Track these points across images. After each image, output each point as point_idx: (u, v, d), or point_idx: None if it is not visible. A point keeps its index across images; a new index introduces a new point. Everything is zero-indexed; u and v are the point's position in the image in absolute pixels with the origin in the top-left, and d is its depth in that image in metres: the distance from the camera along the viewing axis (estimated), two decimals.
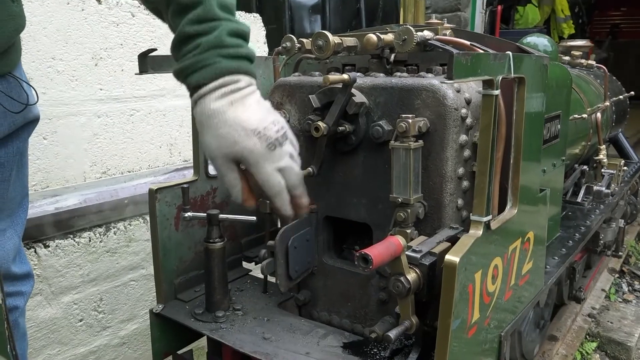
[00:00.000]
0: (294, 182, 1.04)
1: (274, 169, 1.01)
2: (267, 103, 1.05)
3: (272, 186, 1.02)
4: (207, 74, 0.97)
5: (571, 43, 3.21)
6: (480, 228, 1.05)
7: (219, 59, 0.97)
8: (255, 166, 1.00)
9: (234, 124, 0.97)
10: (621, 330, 2.77)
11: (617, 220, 2.79)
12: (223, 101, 0.97)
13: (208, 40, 0.96)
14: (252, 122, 0.98)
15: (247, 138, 0.98)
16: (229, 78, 0.98)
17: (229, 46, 0.98)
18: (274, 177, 1.01)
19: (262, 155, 0.99)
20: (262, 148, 0.99)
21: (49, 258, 1.80)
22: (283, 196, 1.04)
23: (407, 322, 1.08)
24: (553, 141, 1.77)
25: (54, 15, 1.88)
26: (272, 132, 1.00)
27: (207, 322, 1.39)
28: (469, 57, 0.89)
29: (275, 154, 1.00)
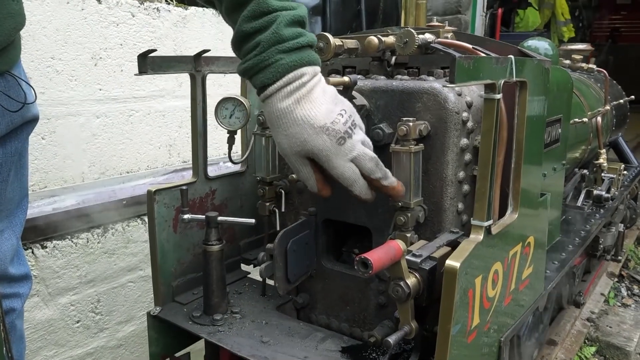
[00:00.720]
0: (369, 168, 1.07)
1: (346, 161, 1.04)
2: (332, 90, 1.06)
3: (347, 178, 1.06)
4: (270, 74, 0.98)
5: (572, 47, 3.21)
6: (481, 233, 1.04)
7: (280, 55, 0.97)
8: (327, 163, 1.04)
9: (302, 122, 0.99)
10: (620, 334, 2.76)
11: (617, 225, 2.79)
12: (289, 100, 0.99)
13: (266, 38, 0.97)
14: (320, 119, 1.00)
15: (316, 136, 1.00)
16: (292, 75, 0.99)
17: (288, 39, 0.98)
18: (348, 170, 1.05)
19: (333, 152, 1.02)
20: (331, 145, 1.01)
21: (46, 259, 1.79)
22: (359, 184, 1.08)
23: (407, 327, 1.08)
24: (554, 145, 1.76)
25: (53, 15, 1.87)
26: (339, 126, 1.02)
27: (205, 325, 1.38)
28: (471, 60, 0.89)
29: (346, 147, 1.03)
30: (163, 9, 2.24)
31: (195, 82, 1.47)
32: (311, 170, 1.08)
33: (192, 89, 1.47)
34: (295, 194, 1.50)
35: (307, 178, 1.10)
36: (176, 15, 2.30)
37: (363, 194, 1.10)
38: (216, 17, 2.49)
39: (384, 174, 1.10)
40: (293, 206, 1.51)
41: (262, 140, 1.48)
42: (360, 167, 1.06)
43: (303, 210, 1.47)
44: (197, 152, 1.51)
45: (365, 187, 1.09)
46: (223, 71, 1.55)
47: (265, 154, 1.49)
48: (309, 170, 1.08)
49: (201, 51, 1.45)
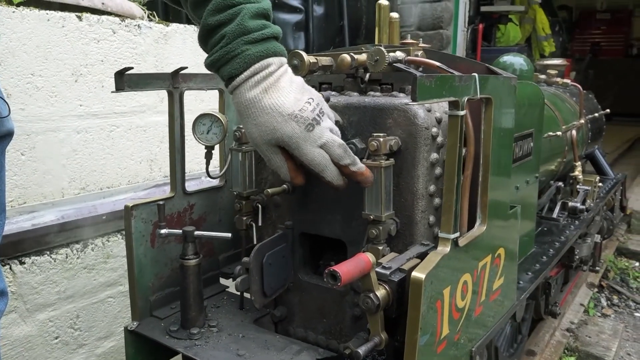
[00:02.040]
0: (338, 154, 1.10)
1: (315, 147, 1.07)
2: (299, 79, 1.09)
3: (318, 164, 1.09)
4: (237, 65, 1.00)
5: (548, 62, 3.29)
6: (448, 245, 1.07)
7: (246, 46, 1.00)
8: (297, 149, 1.06)
9: (271, 111, 1.02)
10: (599, 344, 2.80)
11: (593, 236, 2.84)
12: (257, 89, 1.02)
13: (231, 30, 0.99)
14: (288, 107, 1.03)
15: (285, 124, 1.03)
16: (259, 65, 1.01)
17: (253, 30, 1.01)
18: (317, 155, 1.07)
19: (302, 138, 1.05)
20: (300, 131, 1.04)
21: (24, 275, 1.79)
22: (330, 169, 1.10)
23: (377, 338, 1.10)
24: (526, 159, 1.81)
25: (34, 32, 1.89)
26: (307, 113, 1.05)
27: (182, 339, 1.39)
28: (433, 79, 0.92)
29: (315, 133, 1.06)
30: (144, 26, 2.27)
31: (173, 98, 1.49)
32: (282, 159, 1.10)
33: (170, 105, 1.49)
34: (272, 208, 1.52)
35: (279, 167, 1.12)
36: (157, 31, 2.32)
37: (335, 179, 1.13)
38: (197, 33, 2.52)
39: (352, 160, 1.13)
40: (270, 220, 1.54)
41: (239, 155, 1.51)
42: (330, 153, 1.09)
43: (280, 224, 1.49)
44: (174, 167, 1.53)
45: (336, 173, 1.12)
46: (201, 87, 1.57)
47: (242, 169, 1.52)
48: (280, 158, 1.10)
49: (178, 68, 1.47)
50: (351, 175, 1.14)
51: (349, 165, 1.13)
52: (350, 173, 1.13)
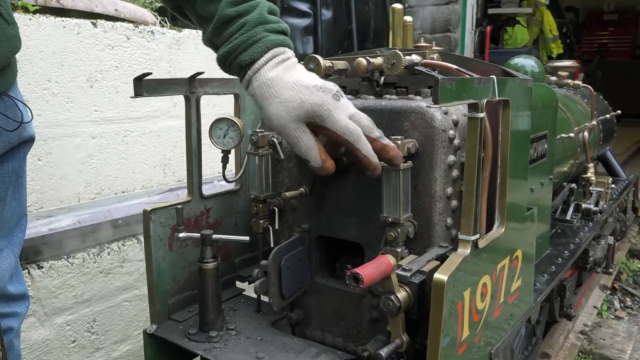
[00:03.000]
0: (367, 126, 1.08)
1: (346, 115, 1.05)
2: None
3: (352, 132, 1.05)
4: (259, 48, 1.03)
5: (558, 63, 3.28)
6: (468, 247, 1.07)
7: (266, 33, 1.03)
8: (329, 118, 1.04)
9: (296, 85, 1.03)
10: (613, 347, 2.78)
11: (607, 237, 2.83)
12: (278, 69, 1.04)
13: (253, 18, 1.03)
14: (312, 80, 1.05)
15: (312, 94, 1.03)
16: (279, 49, 1.05)
17: (271, 22, 1.05)
18: (350, 124, 1.05)
19: (333, 105, 1.04)
20: (329, 99, 1.04)
21: (42, 279, 1.81)
22: (364, 141, 1.07)
23: (398, 340, 1.10)
24: (540, 160, 1.81)
25: (50, 39, 1.92)
26: (330, 86, 1.05)
27: (201, 342, 1.40)
28: (454, 82, 0.93)
29: (343, 102, 1.06)
30: (157, 32, 2.29)
31: (190, 103, 1.50)
32: (312, 139, 1.06)
33: (187, 110, 1.51)
34: (289, 211, 1.53)
35: (309, 148, 1.06)
36: (170, 37, 2.35)
37: (369, 153, 1.08)
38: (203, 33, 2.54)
39: (381, 134, 1.10)
40: (287, 223, 1.54)
41: (256, 159, 1.51)
42: (360, 125, 1.07)
43: (297, 227, 1.50)
44: (191, 172, 1.55)
45: (370, 146, 1.08)
46: (217, 92, 1.59)
47: (258, 173, 1.52)
48: (310, 137, 1.06)
49: (195, 73, 1.49)
50: (382, 150, 1.10)
51: (380, 138, 1.09)
52: (382, 147, 1.09)
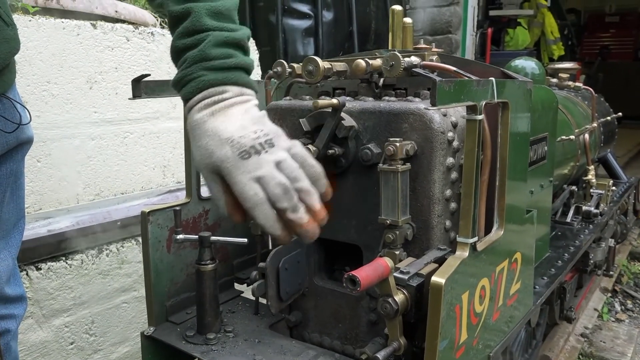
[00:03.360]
0: (275, 193, 0.93)
1: (249, 179, 0.93)
2: (258, 114, 1.01)
3: (247, 198, 0.93)
4: (191, 87, 0.98)
5: (559, 65, 3.27)
6: (467, 249, 1.06)
7: (203, 72, 0.97)
8: (228, 176, 0.95)
9: (212, 134, 0.95)
10: (614, 350, 2.77)
11: (607, 240, 2.82)
12: (204, 112, 0.97)
13: (192, 55, 0.97)
14: (228, 131, 0.95)
15: (219, 147, 0.94)
16: (212, 90, 0.97)
17: (214, 58, 0.98)
18: (249, 188, 0.93)
19: (234, 165, 0.94)
20: (232, 157, 0.94)
21: (40, 281, 1.80)
22: (263, 210, 0.93)
23: (396, 343, 1.09)
24: (540, 162, 1.80)
25: (49, 40, 1.91)
26: (247, 140, 0.94)
27: (198, 345, 1.39)
28: (452, 83, 0.92)
29: (250, 162, 0.94)
30: (157, 33, 2.29)
31: None
32: (221, 190, 0.98)
33: None
34: None
35: (217, 198, 1.00)
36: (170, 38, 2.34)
37: (267, 223, 0.94)
38: None
39: (292, 205, 0.94)
40: None
41: None
42: (267, 191, 0.94)
43: None
44: (190, 173, 1.54)
45: (271, 216, 0.94)
46: None
47: None
48: (218, 189, 0.98)
49: None
50: (289, 223, 0.95)
51: (286, 210, 0.94)
52: (288, 221, 0.95)
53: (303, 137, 1.38)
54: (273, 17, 4.26)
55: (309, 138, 1.37)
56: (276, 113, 1.50)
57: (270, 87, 1.71)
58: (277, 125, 1.49)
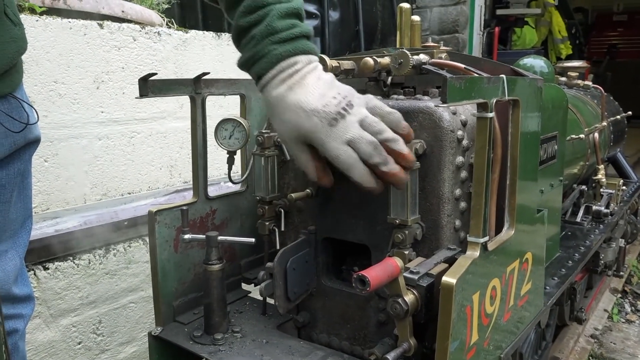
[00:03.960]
0: (366, 151, 1.02)
1: (340, 143, 1.01)
2: (328, 77, 1.06)
3: (343, 161, 1.02)
4: (264, 64, 1.01)
5: (568, 64, 3.24)
6: (477, 249, 1.05)
7: (272, 46, 1.00)
8: (322, 146, 1.02)
9: (295, 107, 1.00)
10: (624, 351, 2.74)
11: (618, 240, 2.79)
12: (282, 87, 1.01)
13: (260, 31, 1.00)
14: (311, 103, 1.00)
15: (307, 120, 1.00)
16: (285, 63, 1.01)
17: (280, 31, 1.01)
18: (343, 152, 1.01)
19: (325, 133, 1.00)
20: (322, 126, 1.00)
21: (48, 280, 1.80)
22: (358, 169, 1.03)
23: (406, 344, 1.08)
24: (550, 162, 1.78)
25: (56, 40, 1.91)
26: (331, 108, 1.01)
27: (206, 345, 1.38)
28: (463, 81, 0.91)
29: (339, 128, 1.01)
30: (164, 33, 2.29)
31: (195, 104, 1.49)
32: (309, 157, 1.07)
33: (192, 111, 1.50)
34: (295, 213, 1.51)
35: (305, 166, 1.09)
36: (177, 38, 2.34)
37: (364, 180, 1.05)
38: (216, 39, 2.54)
39: (383, 159, 1.04)
40: (293, 225, 1.53)
41: (262, 160, 1.50)
42: (358, 151, 1.02)
43: (303, 228, 1.48)
44: (197, 173, 1.53)
45: (366, 173, 1.04)
46: (222, 93, 1.58)
47: (264, 174, 1.51)
48: (306, 157, 1.07)
49: (201, 74, 1.48)
50: (382, 175, 1.06)
51: (379, 164, 1.04)
52: (381, 173, 1.05)
53: None
54: None
55: None
56: None
57: None
58: None
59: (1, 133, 1.15)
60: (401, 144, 1.06)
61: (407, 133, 1.09)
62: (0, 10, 1.11)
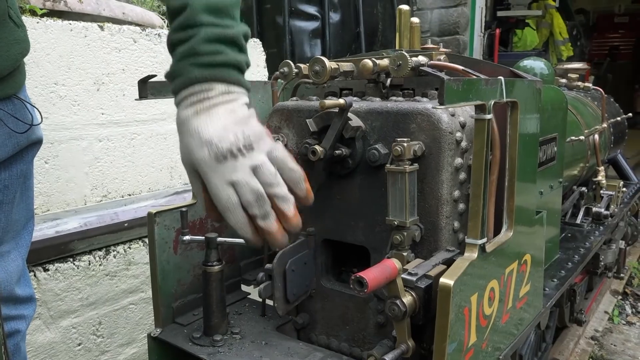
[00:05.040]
0: (248, 199, 0.94)
1: (223, 182, 0.94)
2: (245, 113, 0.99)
3: (219, 201, 0.95)
4: (179, 83, 0.97)
5: (568, 66, 3.25)
6: (475, 251, 1.05)
7: (190, 68, 0.96)
8: (205, 178, 0.96)
9: (194, 133, 0.95)
10: (625, 353, 2.74)
11: (617, 242, 2.79)
12: (190, 110, 0.96)
13: (183, 50, 0.97)
14: (209, 132, 0.94)
15: (199, 149, 0.94)
16: (198, 87, 0.96)
17: (203, 54, 0.97)
18: (223, 192, 0.94)
19: (210, 167, 0.94)
20: (209, 159, 0.94)
21: (48, 282, 1.81)
22: (235, 214, 0.95)
23: (404, 345, 1.08)
24: (549, 163, 1.78)
25: (57, 42, 1.92)
26: (225, 143, 0.94)
27: (205, 346, 1.39)
28: (461, 82, 0.91)
29: (227, 166, 0.94)
30: (164, 35, 2.29)
31: None
32: (200, 188, 1.00)
33: None
34: None
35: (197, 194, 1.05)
36: None
37: (238, 227, 0.96)
38: None
39: (262, 213, 0.95)
40: None
41: None
42: (240, 195, 0.95)
43: (302, 230, 1.48)
44: None
45: (243, 221, 0.96)
46: None
47: None
48: (198, 187, 1.00)
49: None
50: (259, 229, 0.97)
51: (256, 217, 0.95)
52: (258, 227, 0.96)
53: (310, 138, 1.38)
54: (280, 18, 4.26)
55: (315, 139, 1.37)
56: (283, 114, 1.50)
57: (277, 87, 1.71)
58: (284, 125, 1.49)
59: (5, 134, 1.15)
60: (290, 205, 0.98)
61: (303, 196, 1.01)
62: (4, 12, 1.12)
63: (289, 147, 1.48)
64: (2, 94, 1.13)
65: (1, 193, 1.19)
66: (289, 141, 1.48)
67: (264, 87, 1.70)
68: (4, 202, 1.20)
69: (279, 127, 1.50)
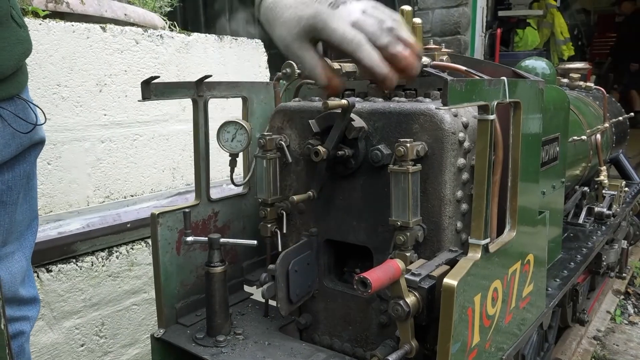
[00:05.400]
0: (372, 32, 0.95)
1: (346, 24, 0.97)
2: None
3: (350, 41, 0.96)
4: None
5: (569, 65, 3.25)
6: (479, 251, 1.05)
7: None
8: (325, 29, 0.98)
9: (295, 2, 1.00)
10: (627, 353, 2.74)
11: (620, 242, 2.78)
12: None
13: None
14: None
15: (307, 8, 0.99)
16: None
17: None
18: (348, 32, 0.96)
19: (328, 14, 0.97)
20: (325, 9, 0.98)
21: (51, 282, 1.81)
22: (365, 49, 0.95)
23: (407, 346, 1.08)
24: (552, 163, 1.78)
25: (59, 43, 1.92)
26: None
27: (208, 347, 1.39)
28: (464, 83, 0.91)
29: (341, 10, 0.97)
30: (166, 36, 2.29)
31: (198, 107, 1.50)
32: (316, 56, 1.02)
33: (195, 113, 1.50)
34: (297, 215, 1.52)
35: (312, 67, 1.03)
36: (179, 41, 2.35)
37: (374, 62, 0.95)
38: (218, 42, 2.55)
39: (390, 40, 0.96)
40: (295, 227, 1.53)
41: (264, 162, 1.51)
42: (365, 31, 0.96)
43: (304, 231, 1.49)
44: (199, 175, 1.54)
45: (375, 55, 0.95)
46: (224, 96, 1.58)
47: (266, 176, 1.52)
48: (312, 55, 1.02)
49: (203, 77, 1.48)
50: (391, 60, 0.97)
51: (388, 45, 0.95)
52: (390, 57, 0.97)
53: (312, 139, 1.38)
54: None
55: (318, 139, 1.37)
56: (285, 114, 1.50)
57: (280, 88, 1.71)
58: (287, 126, 1.49)
59: (8, 134, 1.16)
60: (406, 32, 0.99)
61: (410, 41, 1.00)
62: (7, 13, 1.12)
63: (292, 148, 1.48)
64: (5, 94, 1.14)
65: (5, 194, 1.19)
66: (291, 142, 1.49)
67: (267, 88, 1.71)
68: (7, 202, 1.20)
69: (282, 128, 1.50)
